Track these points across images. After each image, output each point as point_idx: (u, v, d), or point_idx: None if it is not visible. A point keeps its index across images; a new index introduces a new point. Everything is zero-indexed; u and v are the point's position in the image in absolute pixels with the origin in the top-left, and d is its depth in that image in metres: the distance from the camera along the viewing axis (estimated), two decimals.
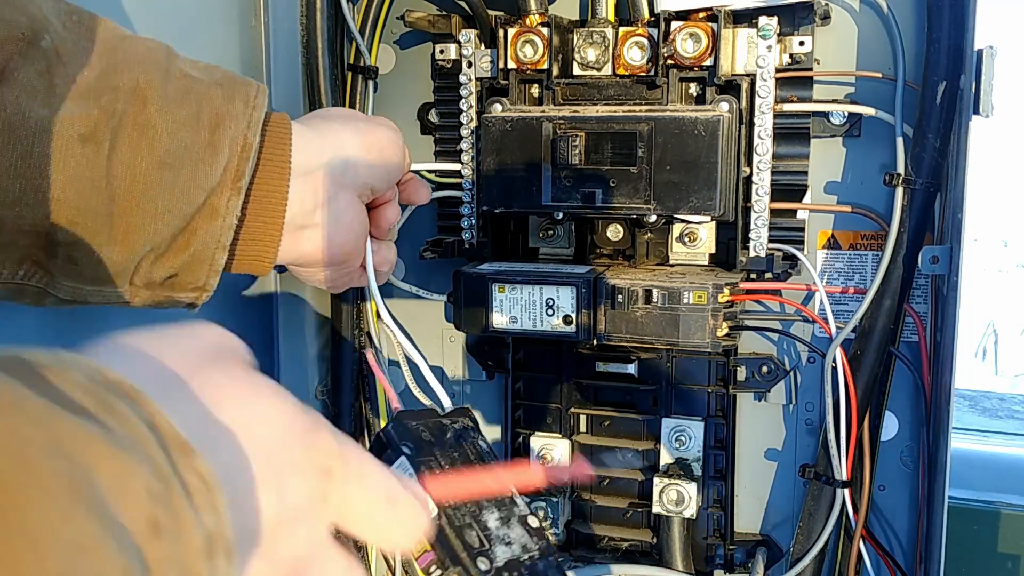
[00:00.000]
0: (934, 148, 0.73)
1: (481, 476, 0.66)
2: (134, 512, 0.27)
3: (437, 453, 0.64)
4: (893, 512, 0.84)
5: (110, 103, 0.54)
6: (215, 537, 0.30)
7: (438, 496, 0.62)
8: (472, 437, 0.68)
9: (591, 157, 0.75)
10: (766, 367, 0.84)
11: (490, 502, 0.64)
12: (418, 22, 0.85)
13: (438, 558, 0.61)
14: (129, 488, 0.27)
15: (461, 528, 0.62)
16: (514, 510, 0.65)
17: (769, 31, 0.74)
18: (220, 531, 0.31)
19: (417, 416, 0.67)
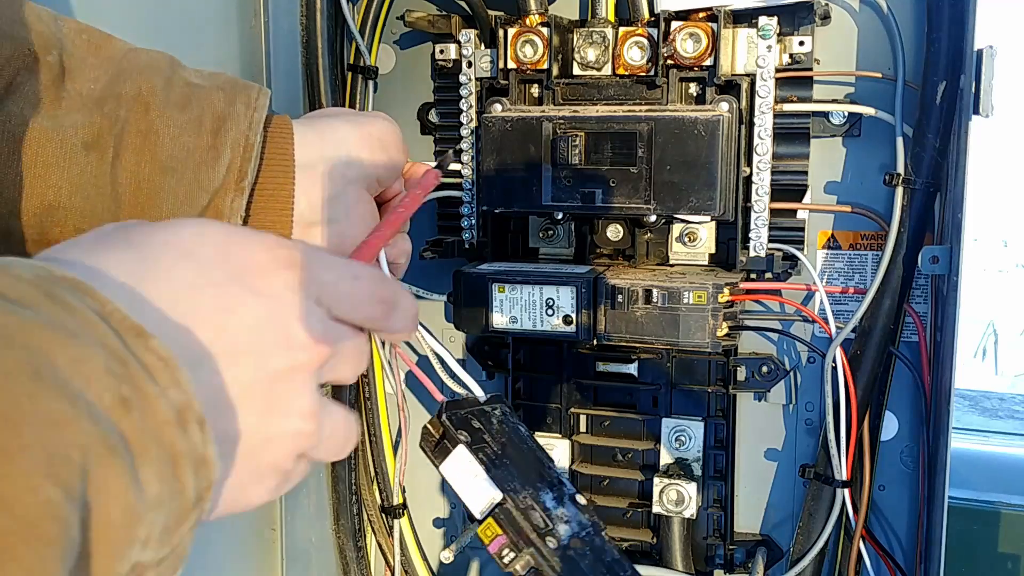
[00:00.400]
0: (934, 148, 0.73)
1: (529, 459, 0.67)
2: (99, 389, 0.29)
3: (488, 440, 0.65)
4: (893, 512, 0.84)
5: (113, 110, 0.55)
6: (183, 409, 0.31)
7: (499, 479, 0.63)
8: (513, 422, 0.69)
9: (591, 157, 0.75)
10: (766, 367, 0.84)
11: (542, 482, 0.65)
12: (418, 22, 0.85)
13: (511, 541, 0.62)
14: (89, 369, 0.29)
15: (526, 510, 0.63)
16: (563, 490, 0.66)
17: (769, 31, 0.74)
18: (188, 403, 0.31)
19: (462, 405, 0.68)
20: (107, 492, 0.28)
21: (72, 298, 0.30)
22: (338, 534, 0.92)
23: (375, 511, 0.92)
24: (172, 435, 0.31)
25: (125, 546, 0.29)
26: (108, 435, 0.28)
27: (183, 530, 0.32)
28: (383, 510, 0.92)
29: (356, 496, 0.91)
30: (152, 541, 0.30)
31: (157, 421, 0.30)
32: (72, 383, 0.28)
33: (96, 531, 0.28)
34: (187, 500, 0.31)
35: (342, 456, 0.43)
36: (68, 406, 0.27)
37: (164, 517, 0.30)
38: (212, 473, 0.32)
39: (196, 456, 0.32)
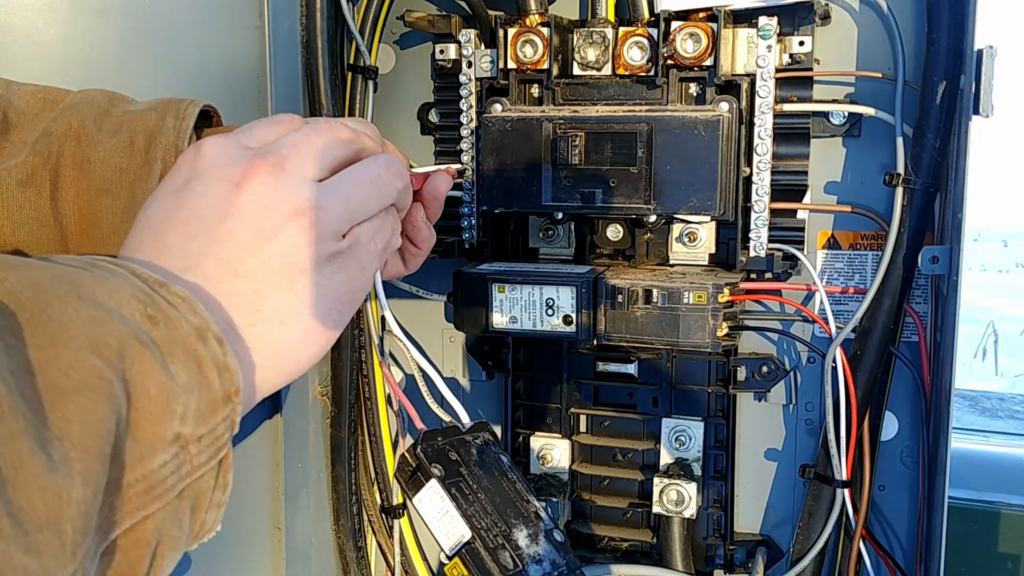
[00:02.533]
0: (934, 148, 0.73)
1: (507, 492, 0.66)
2: (130, 309, 0.37)
3: (464, 473, 0.65)
4: (893, 512, 0.84)
5: (44, 147, 0.59)
6: (202, 328, 0.39)
7: (471, 519, 0.63)
8: (494, 452, 0.68)
9: (591, 157, 0.75)
10: (766, 367, 0.84)
11: (518, 519, 0.65)
12: (418, 22, 0.85)
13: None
14: (121, 296, 0.37)
15: (495, 550, 0.62)
16: (540, 526, 0.65)
17: (769, 31, 0.74)
18: (206, 326, 0.39)
19: (442, 435, 0.67)
20: (143, 373, 0.36)
21: (108, 264, 0.39)
22: (338, 534, 0.92)
23: (375, 511, 0.92)
24: (194, 344, 0.38)
25: (167, 415, 0.36)
26: (139, 335, 0.36)
27: (216, 419, 0.39)
28: (383, 510, 0.92)
29: (356, 496, 0.91)
30: (189, 418, 0.37)
31: (180, 333, 0.38)
32: (108, 303, 0.36)
33: (139, 400, 0.35)
34: (215, 393, 0.38)
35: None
36: (105, 314, 0.36)
37: (196, 401, 0.37)
38: (235, 378, 0.40)
39: (218, 362, 0.39)
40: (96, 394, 0.34)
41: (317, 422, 0.90)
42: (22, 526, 0.30)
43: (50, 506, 0.31)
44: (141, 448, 0.35)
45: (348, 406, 0.88)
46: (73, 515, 0.32)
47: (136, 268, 0.39)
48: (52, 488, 0.31)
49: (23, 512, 0.30)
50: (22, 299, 0.34)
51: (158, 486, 0.36)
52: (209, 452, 0.38)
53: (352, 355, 0.87)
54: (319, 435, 0.90)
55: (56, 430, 0.32)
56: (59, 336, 0.34)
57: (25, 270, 0.35)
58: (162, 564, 0.37)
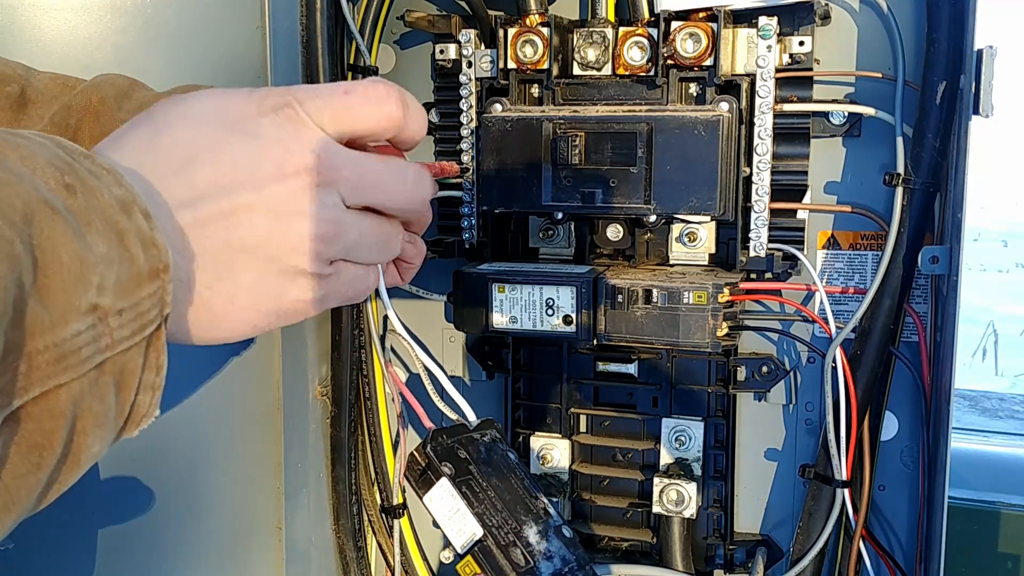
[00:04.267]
0: (934, 148, 0.73)
1: (516, 489, 0.66)
2: (44, 176, 0.35)
3: (473, 470, 0.64)
4: (893, 512, 0.84)
5: (63, 119, 0.59)
6: (126, 201, 0.37)
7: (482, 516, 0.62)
8: (502, 449, 0.68)
9: (591, 157, 0.75)
10: (766, 367, 0.84)
11: (527, 515, 0.64)
12: (418, 22, 0.85)
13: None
14: (35, 163, 0.35)
15: (507, 547, 0.62)
16: (549, 522, 0.65)
17: (769, 31, 0.74)
18: (131, 198, 0.37)
19: (450, 433, 0.67)
20: (53, 239, 0.34)
21: (34, 135, 0.37)
22: (338, 534, 0.92)
23: (375, 511, 0.92)
24: (115, 215, 0.36)
25: (81, 284, 0.34)
26: (51, 201, 0.34)
27: (140, 294, 0.37)
28: (383, 510, 0.92)
29: (356, 496, 0.91)
30: (108, 289, 0.35)
31: (100, 204, 0.36)
32: (18, 168, 0.34)
33: (49, 267, 0.33)
34: (139, 267, 0.37)
35: (383, 258, 0.51)
36: (13, 176, 0.33)
37: (116, 272, 0.36)
38: (163, 255, 0.38)
39: (143, 236, 0.37)
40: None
41: (317, 422, 0.90)
42: None
43: None
44: (51, 315, 0.33)
45: (348, 406, 0.88)
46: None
47: (62, 141, 0.38)
48: None
49: None
50: None
51: (71, 355, 0.34)
52: (132, 327, 0.37)
53: (352, 355, 0.88)
54: (319, 435, 0.90)
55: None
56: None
57: None
58: (85, 440, 0.36)
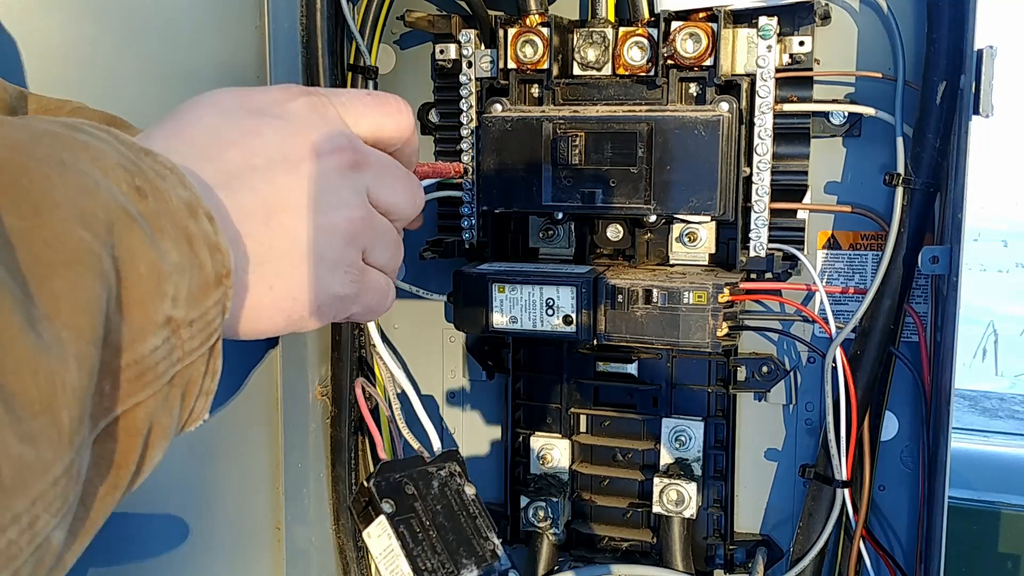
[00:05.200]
0: (934, 148, 0.73)
1: (465, 530, 0.65)
2: (116, 179, 0.33)
3: (419, 508, 0.64)
4: (893, 512, 0.84)
5: None
6: (192, 203, 0.36)
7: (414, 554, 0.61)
8: (458, 484, 0.67)
9: (591, 157, 0.75)
10: (766, 367, 0.84)
11: (471, 558, 0.64)
12: (418, 22, 0.85)
13: None
14: (106, 164, 0.34)
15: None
16: (495, 566, 0.64)
17: (769, 31, 0.74)
18: (196, 200, 0.36)
19: (402, 466, 0.66)
20: (132, 250, 0.33)
21: (90, 127, 0.35)
22: (338, 534, 0.92)
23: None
24: (184, 220, 0.35)
25: (157, 296, 0.33)
26: (128, 208, 0.33)
27: (208, 303, 0.36)
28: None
29: None
30: (181, 300, 0.34)
31: (170, 208, 0.35)
32: (93, 171, 0.33)
33: (128, 279, 0.32)
34: (207, 274, 0.36)
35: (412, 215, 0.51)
36: (91, 182, 0.32)
37: (187, 282, 0.35)
38: (227, 260, 0.37)
39: (209, 241, 0.36)
40: (86, 269, 0.31)
41: (317, 422, 0.90)
42: (16, 412, 0.28)
43: (44, 391, 0.29)
44: (131, 331, 0.32)
45: (348, 406, 0.88)
46: (69, 401, 0.30)
47: (120, 134, 0.36)
48: (45, 372, 0.29)
49: (16, 398, 0.28)
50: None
51: (149, 372, 0.33)
52: (201, 337, 0.36)
53: (352, 355, 0.88)
54: (319, 435, 0.90)
55: (45, 308, 0.29)
56: (42, 204, 0.31)
57: (2, 128, 0.32)
58: (152, 453, 0.35)
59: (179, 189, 0.36)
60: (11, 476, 0.27)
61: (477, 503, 0.66)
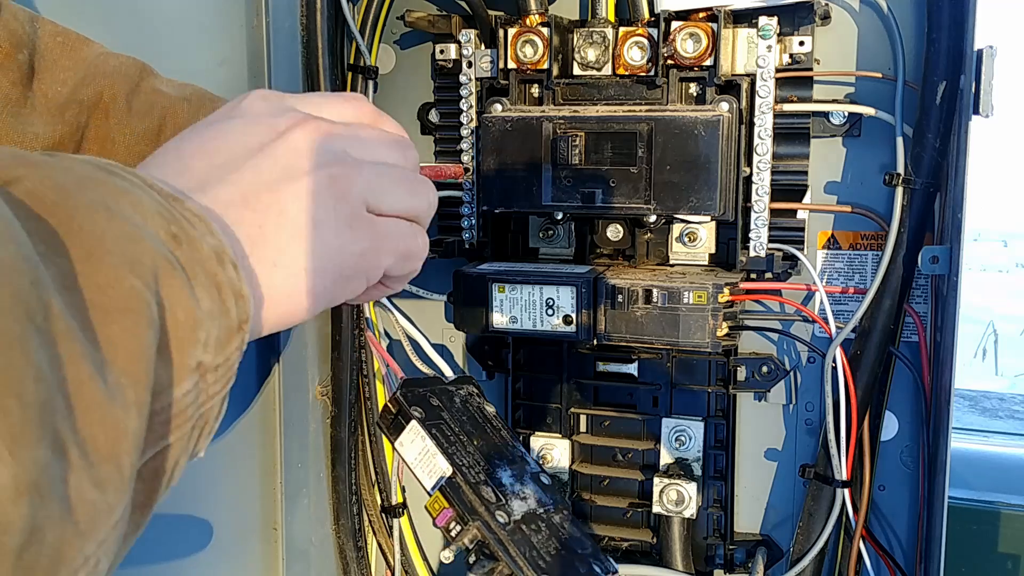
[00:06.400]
0: (934, 148, 0.73)
1: (491, 437, 0.66)
2: (155, 225, 0.35)
3: (446, 417, 0.65)
4: (893, 512, 0.84)
5: (74, 117, 0.57)
6: (220, 251, 0.37)
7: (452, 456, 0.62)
8: (478, 403, 0.68)
9: (591, 157, 0.75)
10: (766, 367, 0.84)
11: (502, 460, 0.64)
12: (418, 22, 0.85)
13: (457, 514, 0.61)
14: (145, 211, 0.35)
15: (476, 485, 0.62)
16: (525, 468, 0.65)
17: (769, 31, 0.74)
18: (223, 248, 0.37)
19: (423, 383, 0.67)
20: (173, 297, 0.34)
21: (122, 170, 0.36)
22: (338, 534, 0.92)
23: (375, 511, 0.92)
24: (214, 268, 0.36)
25: (192, 342, 0.35)
26: (168, 256, 0.34)
27: (231, 349, 0.37)
28: (383, 510, 0.92)
29: (356, 496, 0.91)
30: (210, 346, 0.36)
31: (202, 256, 0.36)
32: (135, 218, 0.34)
33: (170, 325, 0.33)
34: (232, 321, 0.37)
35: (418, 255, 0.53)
36: (136, 229, 0.33)
37: (217, 329, 0.36)
38: (247, 306, 0.38)
39: (235, 289, 0.37)
40: (139, 316, 0.32)
41: (317, 422, 0.90)
42: (88, 458, 0.28)
43: (110, 438, 0.29)
44: (169, 376, 0.33)
45: (348, 406, 0.88)
46: (129, 448, 0.30)
47: (148, 178, 0.37)
48: (112, 419, 0.30)
49: (87, 443, 0.28)
50: (47, 203, 0.31)
51: (179, 415, 0.34)
52: (222, 382, 0.37)
53: (352, 355, 0.88)
54: (319, 435, 0.90)
55: (104, 354, 0.30)
56: (94, 250, 0.31)
57: (44, 169, 0.32)
58: (167, 492, 0.36)
59: (208, 237, 0.37)
60: (85, 520, 0.28)
61: (499, 418, 0.67)
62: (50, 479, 0.27)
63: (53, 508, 0.27)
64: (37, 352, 0.27)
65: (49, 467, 0.27)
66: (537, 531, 0.62)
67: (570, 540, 0.64)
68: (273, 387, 0.86)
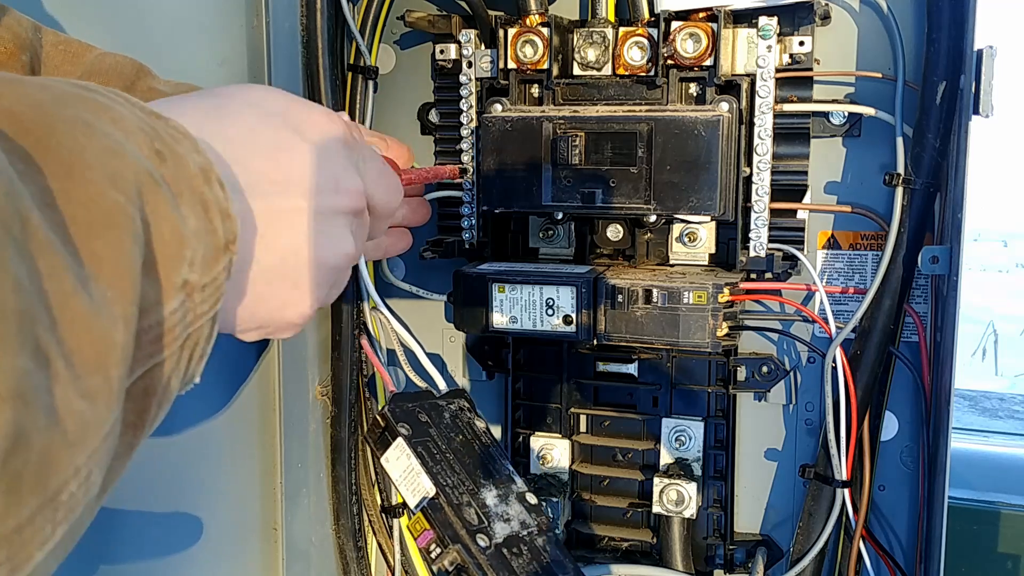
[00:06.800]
0: (934, 148, 0.73)
1: (479, 455, 0.65)
2: (138, 141, 0.34)
3: (433, 434, 0.64)
4: (893, 512, 0.84)
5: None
6: (206, 168, 0.37)
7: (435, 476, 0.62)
8: (468, 418, 0.68)
9: (591, 157, 0.75)
10: (766, 367, 0.84)
11: (488, 479, 0.64)
12: (418, 22, 0.85)
13: (437, 536, 0.61)
14: (127, 126, 0.34)
15: (459, 506, 0.62)
16: (512, 488, 0.65)
17: (769, 31, 0.74)
18: (209, 166, 0.37)
19: (413, 398, 0.67)
20: (157, 214, 0.33)
21: (102, 89, 0.36)
22: (338, 534, 0.92)
23: (375, 511, 0.92)
24: (200, 186, 0.36)
25: (178, 259, 0.34)
26: (151, 172, 0.34)
27: (217, 268, 0.37)
28: (383, 510, 0.92)
29: (356, 496, 0.91)
30: (196, 264, 0.35)
31: (188, 173, 0.36)
32: (116, 133, 0.33)
33: (155, 242, 0.33)
34: (218, 240, 0.37)
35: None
36: (116, 144, 0.33)
37: (203, 248, 0.36)
38: (235, 226, 0.38)
39: (221, 208, 0.37)
40: (123, 231, 0.31)
41: (317, 422, 0.90)
42: (75, 370, 0.28)
43: (97, 350, 0.29)
44: (155, 293, 0.33)
45: (348, 406, 0.88)
46: (118, 360, 0.30)
47: (131, 97, 0.36)
48: (98, 331, 0.29)
49: (74, 355, 0.28)
50: (24, 121, 0.30)
51: (168, 334, 0.34)
52: (210, 302, 0.37)
53: (352, 355, 0.87)
54: (319, 435, 0.90)
55: (89, 269, 0.30)
56: (74, 165, 0.31)
57: (21, 87, 0.32)
58: (159, 414, 0.36)
59: (194, 155, 0.37)
60: (74, 431, 0.28)
61: (488, 434, 0.67)
62: (33, 387, 0.27)
63: (38, 416, 0.27)
64: (14, 261, 0.27)
65: (31, 375, 0.27)
66: (518, 554, 0.62)
67: (552, 564, 0.64)
68: (273, 387, 0.86)
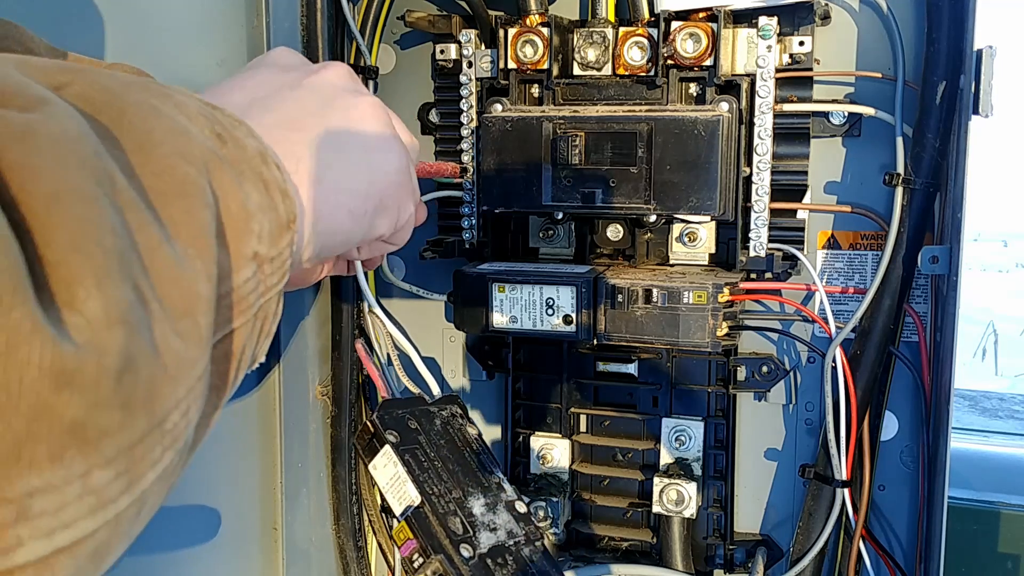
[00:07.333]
0: (934, 148, 0.73)
1: (468, 463, 0.65)
2: (200, 125, 0.36)
3: (423, 441, 0.64)
4: (893, 512, 0.84)
5: None
6: (264, 151, 0.39)
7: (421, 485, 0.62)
8: (459, 424, 0.67)
9: (591, 157, 0.75)
10: (766, 367, 0.84)
11: (476, 488, 0.64)
12: (418, 22, 0.85)
13: (420, 546, 0.60)
14: (189, 111, 0.36)
15: (444, 515, 0.61)
16: (501, 496, 0.64)
17: (769, 31, 0.74)
18: (265, 150, 0.39)
19: (403, 404, 0.66)
20: (224, 189, 0.35)
21: (168, 86, 0.38)
22: (338, 534, 0.92)
23: (375, 511, 0.92)
24: (259, 166, 0.38)
25: (247, 232, 0.36)
26: (215, 151, 0.35)
27: (283, 244, 0.39)
28: (383, 510, 0.92)
29: (356, 496, 0.91)
30: (264, 238, 0.37)
31: (247, 154, 0.38)
32: (179, 117, 0.35)
33: (224, 215, 0.35)
34: (281, 217, 0.39)
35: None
36: (181, 126, 0.34)
37: (268, 223, 0.37)
38: (294, 205, 0.40)
39: (280, 187, 0.39)
40: (196, 199, 0.33)
41: (317, 422, 0.90)
42: (168, 312, 0.30)
43: (185, 297, 0.31)
44: (229, 261, 0.35)
45: (348, 406, 0.88)
46: (204, 309, 0.32)
47: (185, 89, 0.39)
48: (185, 281, 0.31)
49: (164, 300, 0.30)
50: (97, 104, 0.32)
51: (243, 300, 0.36)
52: (278, 275, 0.39)
53: (352, 355, 0.87)
54: (319, 435, 0.90)
55: (170, 229, 0.31)
56: (145, 143, 0.32)
57: (91, 75, 0.33)
58: (238, 380, 0.38)
59: (250, 139, 0.38)
60: (173, 365, 0.30)
61: (480, 442, 0.66)
62: (136, 319, 0.28)
63: (143, 344, 0.28)
64: (109, 211, 0.28)
65: (134, 308, 0.28)
66: (503, 565, 0.61)
67: (537, 574, 0.63)
68: (273, 387, 0.86)
